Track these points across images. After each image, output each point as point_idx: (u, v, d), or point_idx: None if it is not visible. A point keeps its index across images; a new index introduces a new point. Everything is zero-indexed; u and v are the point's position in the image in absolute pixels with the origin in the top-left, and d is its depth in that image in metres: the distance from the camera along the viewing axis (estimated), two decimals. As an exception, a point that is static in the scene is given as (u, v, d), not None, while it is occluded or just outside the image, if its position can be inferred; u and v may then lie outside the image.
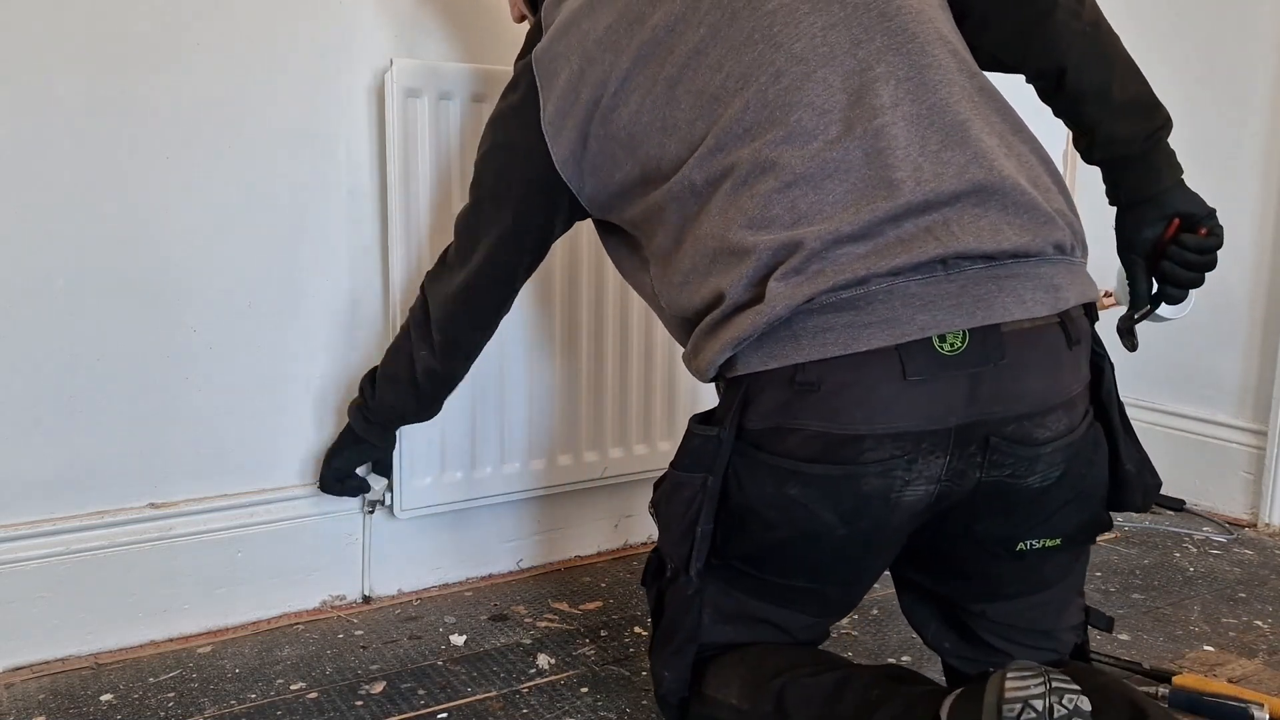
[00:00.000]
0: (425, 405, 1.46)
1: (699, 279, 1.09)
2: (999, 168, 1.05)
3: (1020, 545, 1.12)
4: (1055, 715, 0.91)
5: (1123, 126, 1.15)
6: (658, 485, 1.18)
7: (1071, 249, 1.09)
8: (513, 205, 1.26)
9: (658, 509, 1.17)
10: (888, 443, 1.01)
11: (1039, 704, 0.92)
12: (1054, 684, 0.93)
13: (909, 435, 1.01)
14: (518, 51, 1.29)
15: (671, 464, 1.14)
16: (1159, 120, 1.16)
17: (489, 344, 1.59)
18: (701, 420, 1.12)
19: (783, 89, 1.07)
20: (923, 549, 1.16)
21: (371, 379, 1.47)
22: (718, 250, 1.07)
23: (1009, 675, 0.95)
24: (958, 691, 1.00)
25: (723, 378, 1.09)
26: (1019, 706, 0.92)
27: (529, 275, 1.36)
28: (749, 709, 1.12)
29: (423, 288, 1.39)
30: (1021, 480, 1.06)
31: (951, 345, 1.00)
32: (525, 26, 1.39)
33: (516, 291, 1.37)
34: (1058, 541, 1.13)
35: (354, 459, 1.54)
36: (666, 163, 1.13)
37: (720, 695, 1.15)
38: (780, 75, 1.07)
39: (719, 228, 1.07)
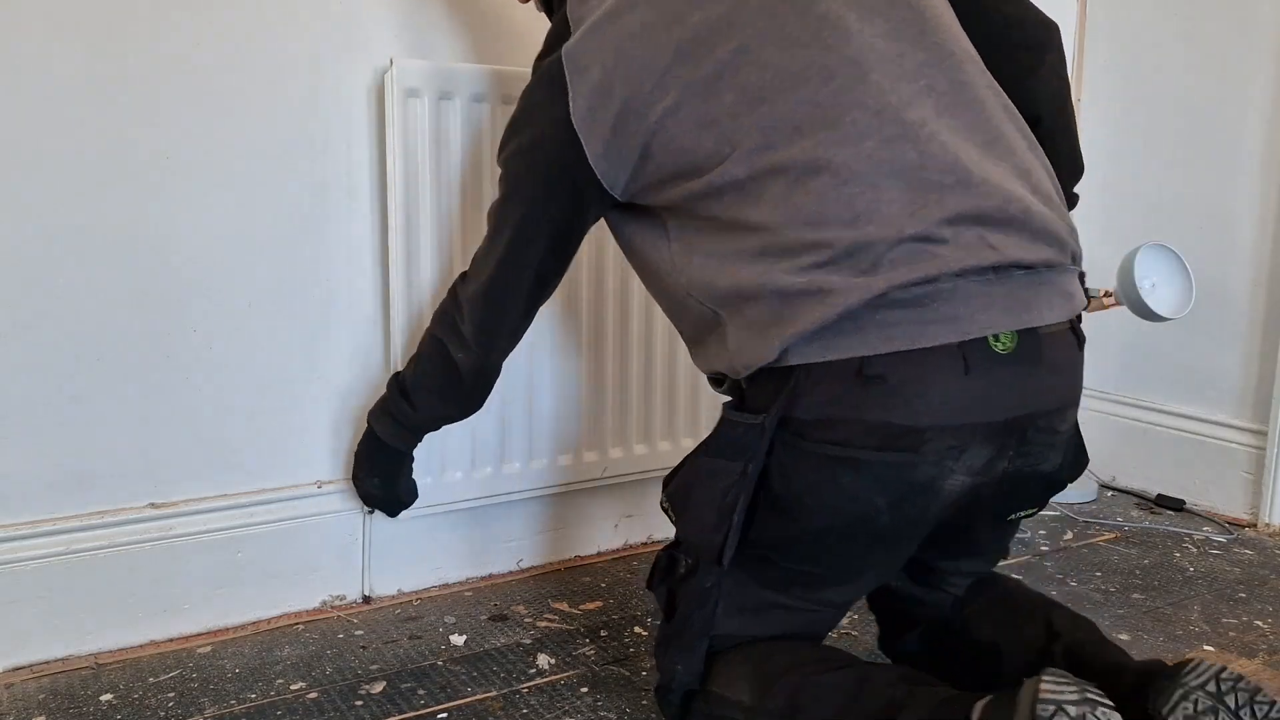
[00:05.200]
0: (472, 403, 1.44)
1: (742, 267, 1.10)
2: (1025, 197, 1.12)
3: (1013, 515, 1.24)
4: None
5: (1064, 175, 1.28)
6: (671, 479, 1.20)
7: (1078, 260, 1.17)
8: (541, 199, 1.24)
9: (679, 501, 1.18)
10: (947, 434, 1.07)
11: (1072, 710, 0.94)
12: (1089, 695, 0.96)
13: (966, 428, 1.07)
14: (519, 50, 1.28)
15: (704, 452, 1.14)
16: (1081, 172, 1.36)
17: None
18: (737, 408, 1.13)
19: (834, 89, 1.09)
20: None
21: (401, 391, 1.44)
22: (767, 246, 1.08)
23: (1044, 680, 0.97)
24: (990, 697, 1.02)
25: (759, 368, 1.10)
26: (1052, 708, 0.94)
27: (559, 272, 1.32)
28: (755, 705, 1.13)
29: (453, 287, 1.38)
30: (1036, 467, 1.15)
31: (1004, 344, 1.07)
32: (530, 15, 1.38)
33: (546, 285, 1.33)
34: (1035, 509, 1.25)
35: (405, 470, 1.53)
36: (703, 156, 1.12)
37: (727, 693, 1.16)
38: (832, 76, 1.10)
39: (774, 222, 1.08)
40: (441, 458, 1.63)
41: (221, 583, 1.54)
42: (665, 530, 1.91)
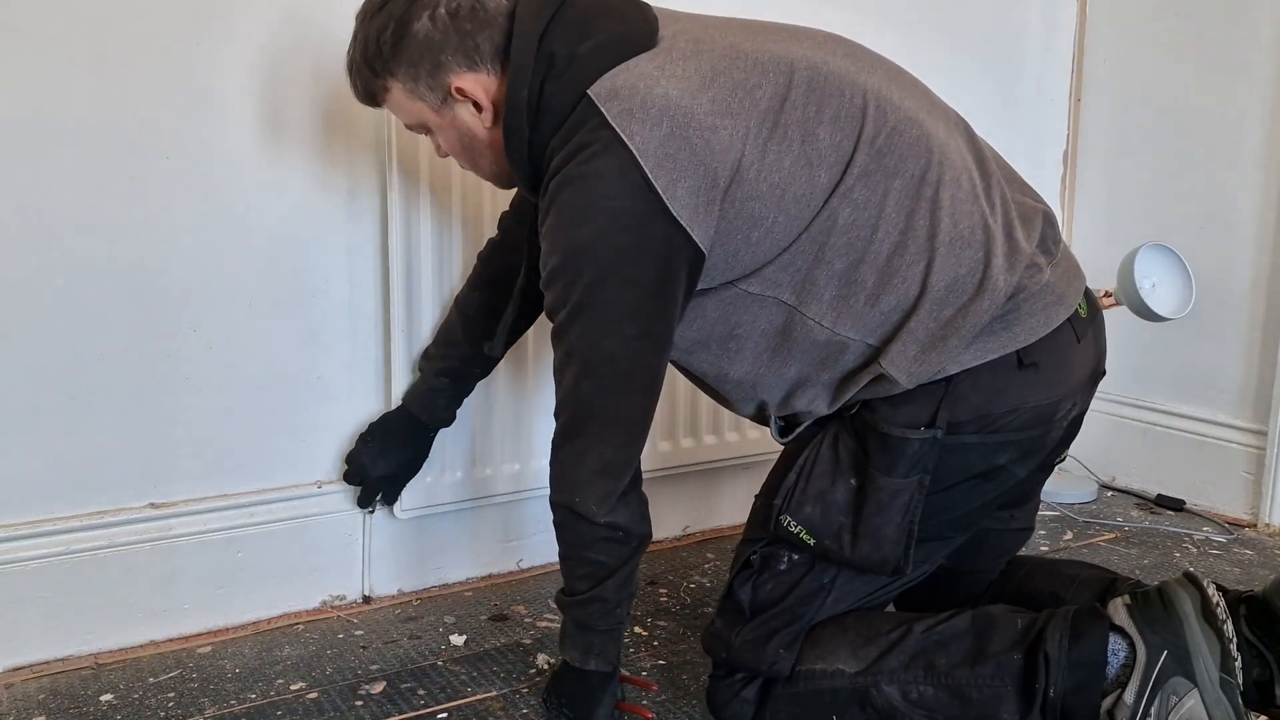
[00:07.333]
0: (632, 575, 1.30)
1: (917, 264, 1.13)
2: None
3: (1058, 460, 1.33)
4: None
5: None
6: (796, 503, 1.21)
7: None
8: (661, 320, 1.13)
9: (834, 525, 1.20)
10: (1070, 399, 1.21)
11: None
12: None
13: (1078, 389, 1.22)
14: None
15: (879, 471, 1.17)
16: None
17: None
18: (905, 425, 1.16)
19: (905, 115, 1.16)
20: None
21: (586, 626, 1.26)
22: (947, 237, 1.13)
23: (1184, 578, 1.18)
24: (1124, 597, 1.18)
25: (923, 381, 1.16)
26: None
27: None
28: (867, 669, 1.20)
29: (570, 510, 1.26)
30: (1085, 410, 1.27)
31: (1083, 309, 1.23)
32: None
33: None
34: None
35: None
36: (819, 189, 1.12)
37: (820, 666, 1.22)
38: (898, 108, 1.17)
39: (939, 216, 1.13)
40: (442, 458, 1.63)
41: (221, 583, 1.54)
42: (665, 530, 1.91)
